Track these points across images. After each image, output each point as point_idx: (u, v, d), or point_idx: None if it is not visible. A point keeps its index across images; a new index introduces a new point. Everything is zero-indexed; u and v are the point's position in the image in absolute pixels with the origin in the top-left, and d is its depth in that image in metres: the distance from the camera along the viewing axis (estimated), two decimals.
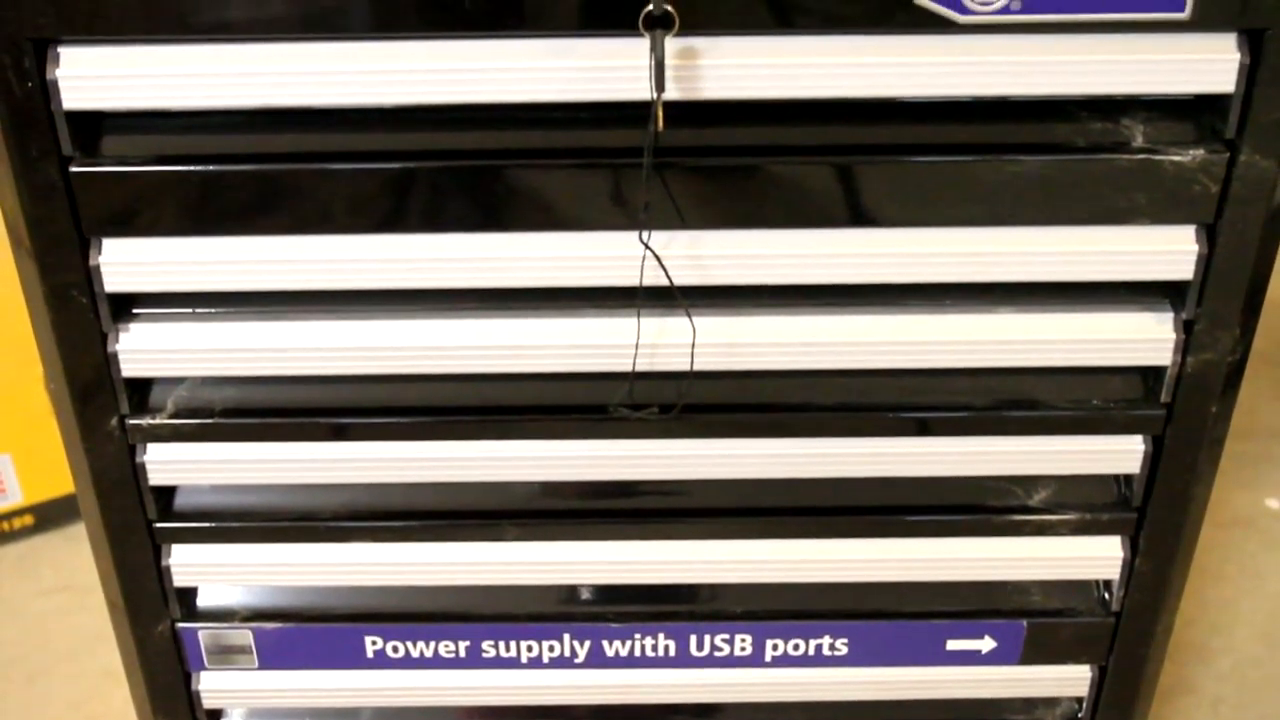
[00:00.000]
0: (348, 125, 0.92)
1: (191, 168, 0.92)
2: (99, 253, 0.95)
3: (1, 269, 1.45)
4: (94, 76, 0.88)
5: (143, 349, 0.98)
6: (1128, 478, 1.07)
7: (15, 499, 1.90)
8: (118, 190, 0.92)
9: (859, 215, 0.94)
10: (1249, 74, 0.89)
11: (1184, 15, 0.87)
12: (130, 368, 0.99)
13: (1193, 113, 0.93)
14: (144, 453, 1.03)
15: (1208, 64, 0.89)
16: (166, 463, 1.04)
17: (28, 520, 1.92)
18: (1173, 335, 0.99)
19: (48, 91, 0.88)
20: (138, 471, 1.04)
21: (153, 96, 0.90)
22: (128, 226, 0.94)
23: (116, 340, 0.98)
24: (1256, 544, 1.89)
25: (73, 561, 1.88)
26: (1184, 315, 0.98)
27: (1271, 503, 1.95)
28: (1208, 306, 0.98)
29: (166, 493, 1.07)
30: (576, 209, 0.93)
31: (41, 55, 0.88)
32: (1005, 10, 0.86)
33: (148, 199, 0.93)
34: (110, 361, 0.98)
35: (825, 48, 0.88)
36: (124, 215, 0.93)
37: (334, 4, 0.86)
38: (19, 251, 0.95)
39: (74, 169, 0.91)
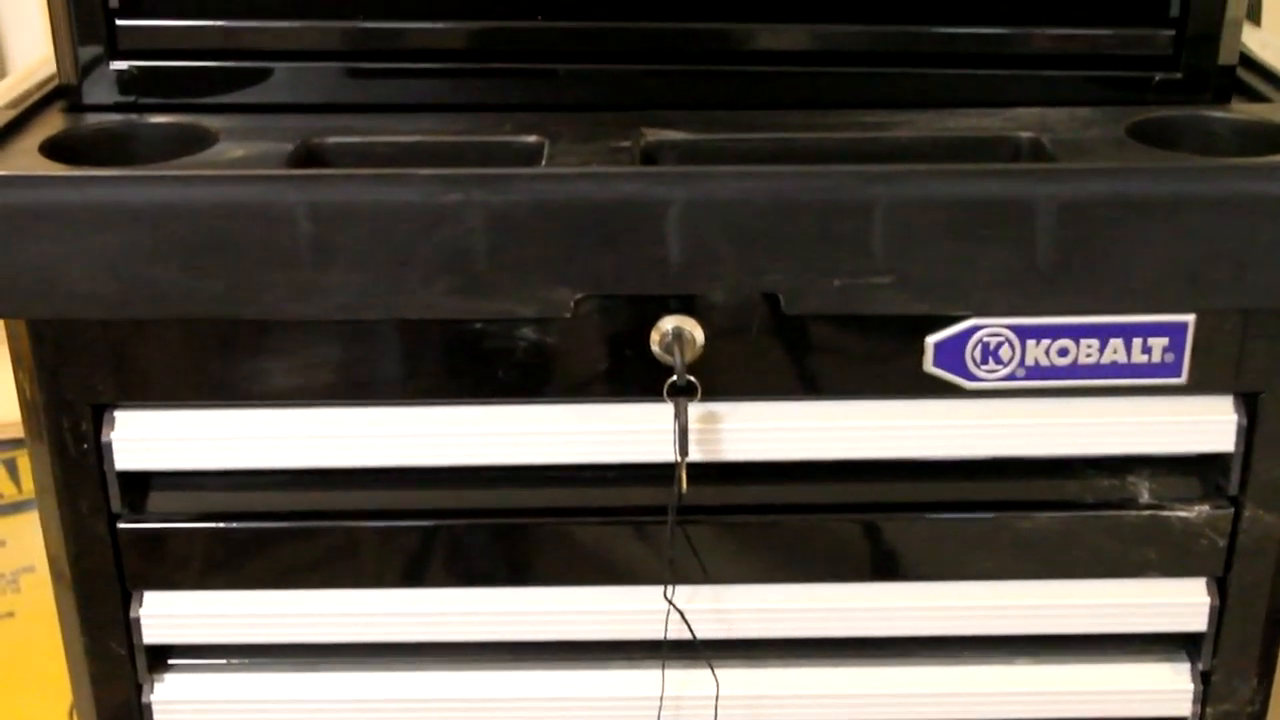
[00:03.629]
0: (382, 483, 0.96)
1: (232, 524, 0.96)
2: (139, 605, 0.98)
3: (36, 603, 1.48)
4: (146, 439, 0.93)
5: (177, 699, 1.00)
6: None
7: None
8: (161, 546, 0.96)
9: (877, 570, 0.97)
10: (1247, 434, 0.93)
11: (1181, 380, 0.92)
12: (165, 719, 1.00)
13: (1196, 469, 0.96)
14: None
15: (1206, 425, 0.93)
16: None
17: None
18: (1190, 686, 1.00)
19: (101, 453, 0.93)
20: None
21: (199, 457, 0.94)
22: (168, 580, 0.97)
23: (151, 690, 1.00)
24: None
25: None
26: (1200, 666, 1.00)
27: None
28: (1223, 657, 0.99)
29: None
30: (602, 565, 0.97)
31: (98, 419, 0.93)
32: (1010, 378, 0.91)
33: (189, 554, 0.96)
34: (145, 712, 1.00)
35: (841, 412, 0.93)
36: (166, 569, 0.97)
37: (370, 373, 0.91)
38: (59, 588, 0.99)
39: (121, 525, 0.95)
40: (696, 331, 0.89)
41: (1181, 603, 0.98)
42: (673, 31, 0.97)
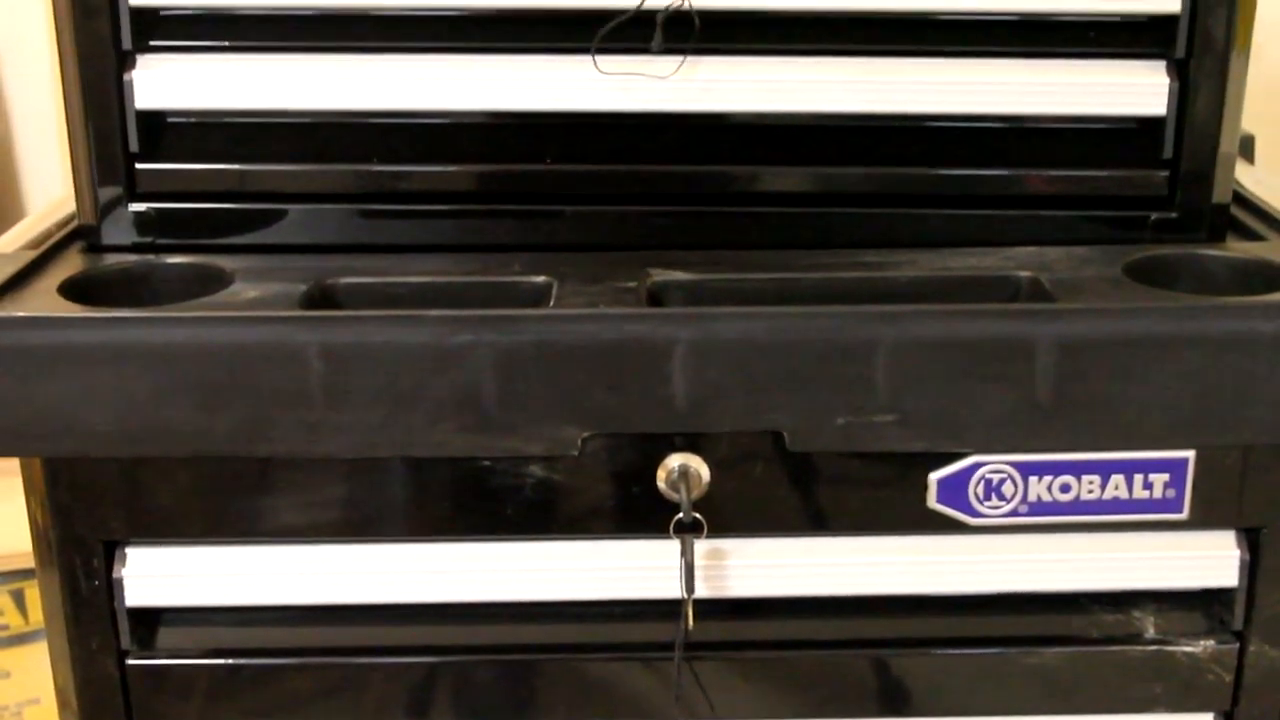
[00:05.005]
0: (391, 619, 0.96)
1: (241, 660, 0.96)
2: None
3: None
4: (156, 576, 0.94)
5: None
6: None
7: None
8: (170, 682, 0.96)
9: (885, 705, 0.97)
10: (1250, 569, 0.94)
11: (1183, 515, 0.93)
12: None
13: (1201, 603, 0.97)
14: None
15: (1209, 560, 0.94)
16: None
17: None
18: None
19: (112, 589, 0.93)
20: None
21: (210, 594, 0.95)
22: (176, 716, 0.97)
23: None
24: None
25: None
26: None
27: None
28: None
29: None
30: (609, 701, 0.97)
31: (110, 555, 0.93)
32: (1014, 514, 0.92)
33: (197, 690, 0.96)
34: None
35: (846, 548, 0.94)
36: (174, 705, 0.97)
37: (379, 510, 0.93)
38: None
39: (130, 661, 0.96)
40: (702, 469, 0.90)
41: None
42: (678, 174, 1.00)
